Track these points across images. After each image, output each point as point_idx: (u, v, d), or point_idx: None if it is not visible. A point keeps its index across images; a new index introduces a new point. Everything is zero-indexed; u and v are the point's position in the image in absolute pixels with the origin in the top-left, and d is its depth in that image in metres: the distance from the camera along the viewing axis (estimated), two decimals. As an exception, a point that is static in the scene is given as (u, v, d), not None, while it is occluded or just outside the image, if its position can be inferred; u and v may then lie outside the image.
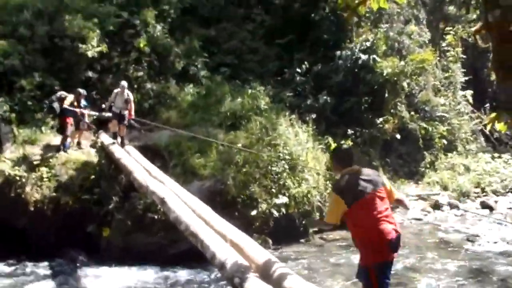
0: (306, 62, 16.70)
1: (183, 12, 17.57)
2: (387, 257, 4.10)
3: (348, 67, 16.10)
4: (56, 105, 12.13)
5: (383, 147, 17.00)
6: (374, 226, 4.05)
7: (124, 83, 12.33)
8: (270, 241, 10.82)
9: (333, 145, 13.90)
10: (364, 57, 15.83)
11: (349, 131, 15.05)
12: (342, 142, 13.98)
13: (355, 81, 16.06)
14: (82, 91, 12.53)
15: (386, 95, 16.34)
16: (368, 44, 16.40)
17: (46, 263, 10.32)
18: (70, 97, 12.20)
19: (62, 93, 12.39)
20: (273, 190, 11.65)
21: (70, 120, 12.23)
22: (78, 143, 12.50)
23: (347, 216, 4.21)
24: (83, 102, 12.65)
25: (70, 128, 12.27)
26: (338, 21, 17.28)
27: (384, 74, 15.94)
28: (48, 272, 9.93)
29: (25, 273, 9.83)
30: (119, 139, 12.12)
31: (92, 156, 12.15)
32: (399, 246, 4.12)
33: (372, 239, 4.05)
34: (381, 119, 16.05)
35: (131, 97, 12.38)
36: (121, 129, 12.25)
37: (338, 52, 16.47)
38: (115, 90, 12.28)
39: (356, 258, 10.59)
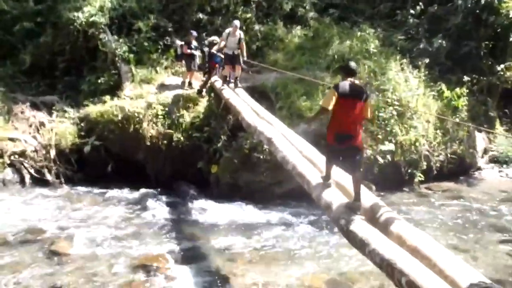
0: (420, 3, 15.58)
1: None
2: (335, 144, 5.57)
3: (468, 7, 14.73)
4: (205, 49, 12.68)
5: (502, 96, 15.70)
6: (338, 120, 5.51)
7: (237, 22, 11.87)
8: (374, 187, 10.69)
9: (446, 93, 13.15)
10: (488, -4, 14.39)
11: (465, 78, 13.96)
12: (457, 89, 13.19)
13: (475, 24, 14.71)
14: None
15: (511, 39, 14.85)
16: (493, -18, 14.85)
17: (161, 194, 11.25)
18: (223, 35, 12.04)
19: (214, 38, 12.72)
20: (379, 136, 11.41)
21: (216, 65, 12.66)
22: (190, 84, 13.01)
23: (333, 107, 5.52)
24: (194, 44, 13.05)
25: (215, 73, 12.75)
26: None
27: (510, 16, 14.42)
28: (164, 202, 10.79)
29: (143, 202, 10.75)
30: (231, 84, 11.95)
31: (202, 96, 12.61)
32: (346, 140, 5.48)
33: (331, 126, 5.57)
34: (502, 66, 14.63)
35: (243, 37, 11.92)
36: (236, 69, 11.99)
37: (459, -9, 15.13)
38: (227, 30, 11.95)
39: (462, 210, 10.26)
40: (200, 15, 15.04)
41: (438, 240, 4.84)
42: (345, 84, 5.53)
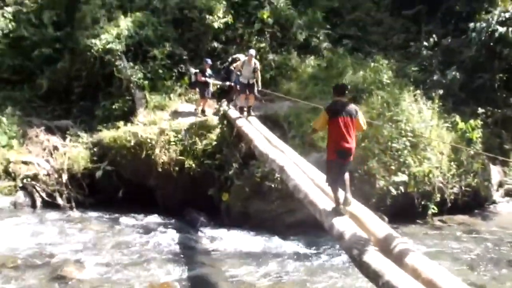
0: (434, 35, 15.68)
1: (307, -17, 17.43)
2: (337, 159, 5.95)
3: (482, 40, 14.76)
4: (225, 64, 13.14)
5: (518, 129, 15.57)
6: (335, 138, 5.90)
7: (252, 51, 11.79)
8: (386, 219, 10.53)
9: (461, 124, 13.05)
10: (501, 29, 14.37)
11: (479, 110, 13.88)
12: (471, 121, 13.09)
13: (489, 56, 14.73)
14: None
15: (525, 72, 14.82)
16: (507, 15, 14.86)
17: (171, 220, 11.22)
18: (239, 63, 12.15)
19: (238, 56, 12.95)
20: (392, 167, 11.29)
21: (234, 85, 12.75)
22: (203, 111, 13.07)
23: (328, 126, 6.01)
24: (208, 72, 13.17)
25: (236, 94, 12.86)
26: (474, -10, 15.98)
27: (525, 49, 14.43)
28: (173, 228, 10.68)
29: (153, 228, 10.69)
30: (245, 113, 11.87)
31: (215, 123, 12.61)
32: (348, 156, 5.95)
33: (332, 145, 5.96)
34: (517, 98, 14.65)
35: (259, 66, 11.81)
36: (250, 98, 11.92)
37: (472, 24, 15.14)
38: (242, 59, 12.01)
39: (477, 244, 10.00)
40: (215, 44, 15.28)
41: (453, 274, 4.70)
42: (335, 104, 6.02)
